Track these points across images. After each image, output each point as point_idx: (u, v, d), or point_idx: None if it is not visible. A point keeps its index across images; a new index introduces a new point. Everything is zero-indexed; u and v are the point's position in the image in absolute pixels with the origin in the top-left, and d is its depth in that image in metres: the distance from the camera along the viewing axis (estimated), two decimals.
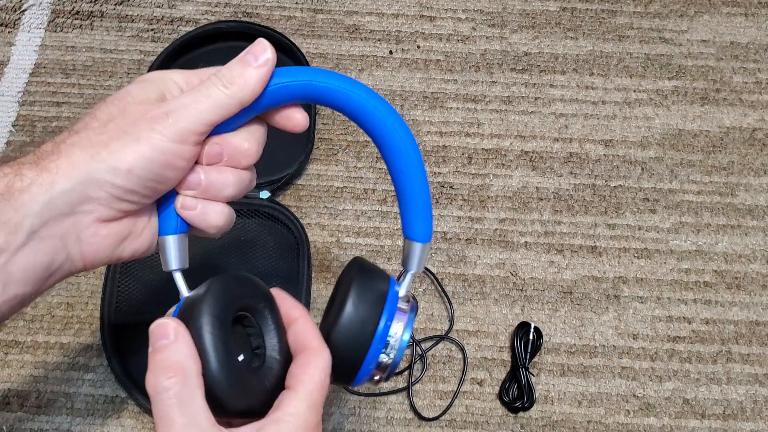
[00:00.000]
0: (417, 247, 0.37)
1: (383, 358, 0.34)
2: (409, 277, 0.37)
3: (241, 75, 0.32)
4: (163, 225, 0.35)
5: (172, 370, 0.29)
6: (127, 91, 0.32)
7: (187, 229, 0.35)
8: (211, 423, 0.29)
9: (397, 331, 0.34)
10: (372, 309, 0.34)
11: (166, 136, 0.30)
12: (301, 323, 0.34)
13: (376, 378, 0.35)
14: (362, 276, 0.35)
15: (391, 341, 0.34)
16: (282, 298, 0.35)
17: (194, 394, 0.29)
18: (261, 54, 0.33)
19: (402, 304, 0.36)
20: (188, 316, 0.31)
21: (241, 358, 0.32)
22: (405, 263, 0.37)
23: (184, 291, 0.34)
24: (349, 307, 0.34)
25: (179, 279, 0.34)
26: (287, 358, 0.33)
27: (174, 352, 0.29)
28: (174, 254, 0.34)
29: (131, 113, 0.31)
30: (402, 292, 0.36)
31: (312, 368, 0.32)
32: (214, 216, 0.34)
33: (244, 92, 0.32)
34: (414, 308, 0.37)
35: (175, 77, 0.34)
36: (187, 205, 0.34)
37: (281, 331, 0.34)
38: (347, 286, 0.35)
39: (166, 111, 0.31)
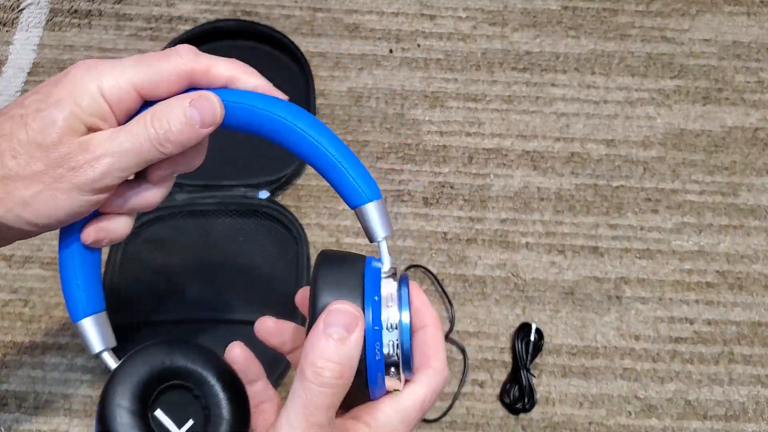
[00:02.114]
0: (370, 208, 0.31)
1: (387, 352, 0.29)
2: (383, 246, 0.31)
3: (180, 133, 0.29)
4: (74, 307, 0.32)
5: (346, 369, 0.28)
6: (26, 123, 0.28)
7: (104, 307, 0.33)
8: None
9: (390, 315, 0.29)
10: (350, 299, 0.29)
11: (76, 187, 0.29)
12: (430, 332, 0.32)
13: (397, 378, 0.30)
14: (330, 267, 0.30)
15: (388, 331, 0.29)
16: (416, 296, 0.32)
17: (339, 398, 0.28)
18: (209, 114, 0.30)
19: (387, 283, 0.30)
20: (100, 411, 0.29)
21: (185, 428, 0.30)
22: (370, 235, 0.32)
23: (113, 365, 0.32)
24: (320, 309, 0.29)
25: (108, 357, 0.32)
26: (239, 413, 0.31)
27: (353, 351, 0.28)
28: (96, 335, 0.32)
29: (35, 156, 0.28)
30: (385, 266, 0.31)
31: (420, 385, 0.30)
32: (120, 231, 0.33)
33: (175, 150, 0.30)
34: (404, 281, 0.31)
35: (91, 88, 0.29)
36: (91, 242, 0.32)
37: (229, 389, 0.31)
38: (314, 285, 0.30)
39: (82, 161, 0.28)
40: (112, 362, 0.32)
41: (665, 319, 0.64)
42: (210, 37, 0.73)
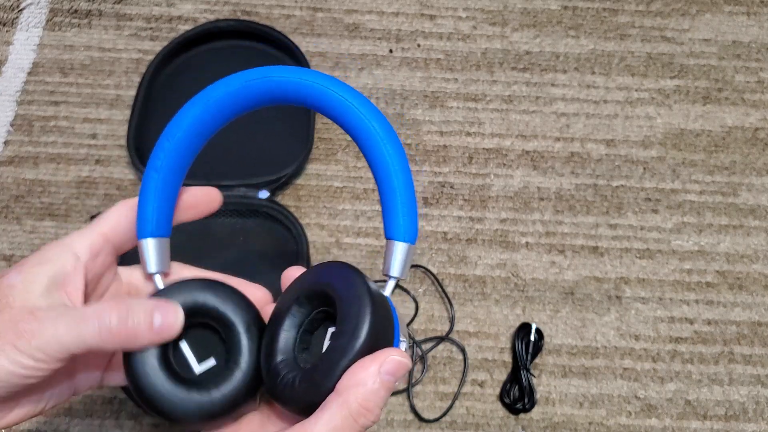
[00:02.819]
0: (399, 248, 0.33)
1: None
2: (392, 283, 0.33)
3: (134, 327, 0.30)
4: (140, 227, 0.34)
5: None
6: (11, 285, 0.30)
7: (169, 234, 0.34)
8: None
9: None
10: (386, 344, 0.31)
11: (25, 353, 0.28)
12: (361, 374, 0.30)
13: None
14: (377, 307, 0.30)
15: None
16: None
17: None
18: (169, 318, 0.31)
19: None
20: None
21: (203, 366, 0.32)
22: (386, 267, 0.33)
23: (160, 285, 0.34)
24: (367, 340, 0.29)
25: (158, 280, 0.34)
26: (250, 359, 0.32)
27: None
28: (154, 256, 0.34)
29: (4, 318, 0.29)
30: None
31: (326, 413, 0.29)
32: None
33: (125, 344, 0.30)
34: (396, 319, 0.32)
35: (77, 248, 0.32)
36: None
37: (251, 341, 0.33)
38: (368, 324, 0.29)
39: (31, 328, 0.29)
40: (160, 286, 0.34)
41: (665, 319, 0.64)
42: (210, 37, 0.73)
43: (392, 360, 0.29)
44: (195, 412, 0.31)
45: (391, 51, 0.76)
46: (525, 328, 0.61)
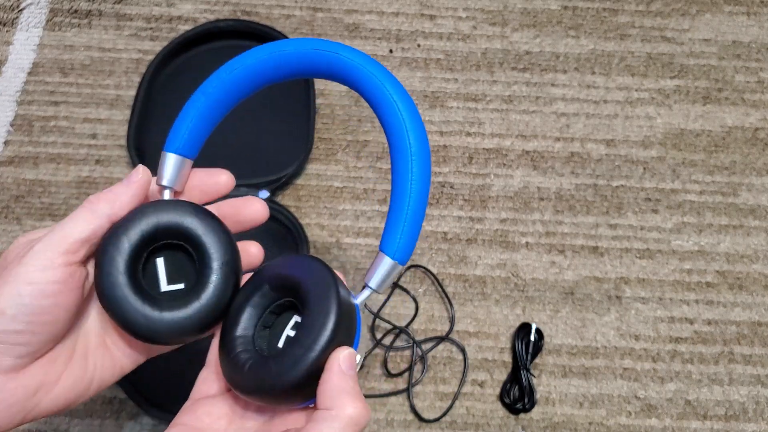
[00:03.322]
0: (387, 264, 0.33)
1: None
2: (366, 292, 0.33)
3: (109, 191, 0.32)
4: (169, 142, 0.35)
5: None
6: (6, 252, 0.32)
7: (194, 157, 0.35)
8: None
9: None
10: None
11: (31, 266, 0.29)
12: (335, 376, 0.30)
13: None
14: (342, 315, 0.30)
15: None
16: None
17: None
18: (134, 175, 0.33)
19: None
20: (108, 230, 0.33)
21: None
22: (368, 276, 0.33)
23: None
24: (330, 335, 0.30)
25: (167, 195, 0.35)
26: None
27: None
28: (171, 171, 0.34)
29: (7, 263, 0.31)
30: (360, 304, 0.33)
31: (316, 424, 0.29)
32: None
33: (112, 207, 0.32)
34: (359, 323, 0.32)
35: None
36: None
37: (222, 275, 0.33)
38: (329, 332, 0.30)
39: (31, 245, 0.30)
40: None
41: (665, 319, 0.64)
42: (210, 37, 0.73)
43: (345, 356, 0.30)
44: (142, 325, 0.31)
45: (391, 51, 0.76)
46: (525, 328, 0.61)
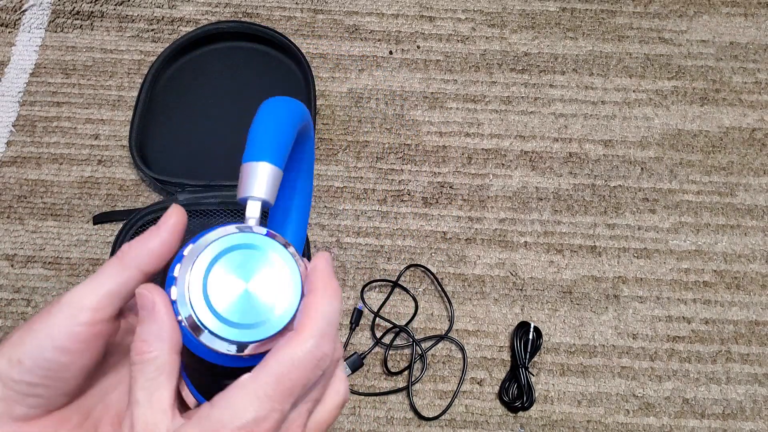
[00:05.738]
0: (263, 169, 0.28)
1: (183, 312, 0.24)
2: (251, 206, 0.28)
3: (139, 238, 0.28)
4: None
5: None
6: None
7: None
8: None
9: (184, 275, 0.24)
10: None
11: (57, 320, 0.28)
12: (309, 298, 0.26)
13: (222, 351, 0.23)
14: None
15: (178, 290, 0.24)
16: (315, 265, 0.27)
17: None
18: (165, 218, 0.29)
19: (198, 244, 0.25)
20: None
21: None
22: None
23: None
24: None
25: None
26: None
27: None
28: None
29: (42, 310, 0.28)
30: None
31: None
32: None
33: (140, 256, 0.28)
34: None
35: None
36: None
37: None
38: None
39: (60, 297, 0.28)
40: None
41: (663, 318, 0.64)
42: (211, 39, 0.73)
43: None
44: None
45: (391, 52, 0.76)
46: (523, 326, 0.62)
